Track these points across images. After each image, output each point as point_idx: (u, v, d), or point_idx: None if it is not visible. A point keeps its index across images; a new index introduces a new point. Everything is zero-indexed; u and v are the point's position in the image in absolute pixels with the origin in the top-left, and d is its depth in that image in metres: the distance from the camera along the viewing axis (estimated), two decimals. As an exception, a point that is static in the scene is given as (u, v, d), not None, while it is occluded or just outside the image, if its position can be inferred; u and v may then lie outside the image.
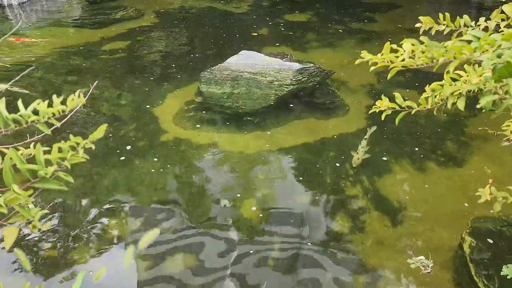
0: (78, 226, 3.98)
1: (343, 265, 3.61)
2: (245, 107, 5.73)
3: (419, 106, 1.95)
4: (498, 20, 1.92)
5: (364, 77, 6.92)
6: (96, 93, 6.32)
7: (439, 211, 4.17)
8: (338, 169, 4.80)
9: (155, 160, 4.90)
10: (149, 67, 7.41)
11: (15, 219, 1.31)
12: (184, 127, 5.57)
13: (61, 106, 1.42)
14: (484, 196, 2.16)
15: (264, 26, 9.61)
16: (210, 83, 5.91)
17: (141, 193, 4.41)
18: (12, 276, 3.44)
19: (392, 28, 9.42)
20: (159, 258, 3.65)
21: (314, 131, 5.53)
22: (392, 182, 4.60)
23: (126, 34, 8.89)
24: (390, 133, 5.43)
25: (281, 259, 3.67)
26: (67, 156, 1.32)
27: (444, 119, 5.78)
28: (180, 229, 3.97)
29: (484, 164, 4.86)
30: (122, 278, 3.49)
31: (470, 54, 1.48)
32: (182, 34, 9.08)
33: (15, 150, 1.28)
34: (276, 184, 4.59)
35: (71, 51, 7.96)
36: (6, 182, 1.25)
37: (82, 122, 5.62)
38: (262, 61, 6.15)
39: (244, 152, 5.09)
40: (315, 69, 6.12)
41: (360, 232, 3.95)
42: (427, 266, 3.57)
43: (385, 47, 1.73)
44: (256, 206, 4.24)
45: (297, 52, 7.99)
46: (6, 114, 1.32)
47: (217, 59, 7.13)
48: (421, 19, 2.03)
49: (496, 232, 3.55)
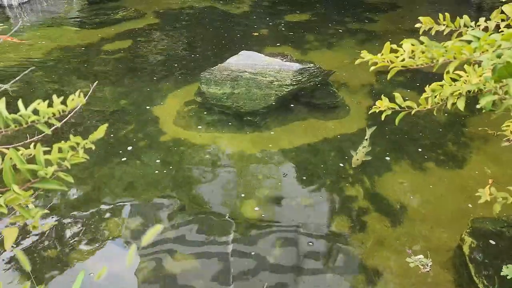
0: (78, 226, 3.98)
1: (343, 264, 3.61)
2: (245, 108, 5.73)
3: (419, 106, 1.95)
4: (498, 20, 1.93)
5: (364, 77, 6.92)
6: (96, 93, 6.32)
7: (439, 211, 4.17)
8: (338, 169, 4.80)
9: (155, 160, 4.90)
10: (149, 67, 7.41)
11: (15, 219, 1.31)
12: (184, 128, 5.57)
13: (61, 106, 1.42)
14: (484, 196, 2.16)
15: (264, 26, 9.62)
16: (210, 83, 5.91)
17: (141, 193, 4.41)
18: (12, 276, 3.44)
19: (392, 28, 9.42)
20: (159, 258, 3.65)
21: (314, 131, 5.53)
22: (392, 182, 4.60)
23: (126, 34, 8.89)
24: (390, 133, 5.43)
25: (281, 259, 3.66)
26: (67, 156, 1.32)
27: (444, 119, 5.78)
28: (180, 229, 3.97)
29: (484, 164, 4.86)
30: (123, 278, 3.49)
31: (470, 54, 1.48)
32: (182, 35, 9.08)
33: (15, 150, 1.28)
34: (277, 184, 4.59)
35: (71, 51, 7.96)
36: (6, 182, 1.25)
37: (82, 122, 5.62)
38: (262, 61, 6.15)
39: (244, 152, 5.09)
40: (315, 69, 6.12)
41: (360, 232, 3.95)
42: (426, 265, 3.57)
43: (385, 47, 1.73)
44: (257, 206, 4.24)
45: (297, 52, 7.99)
46: (6, 114, 1.32)
47: (217, 59, 7.13)
48: (421, 19, 2.03)
49: (496, 233, 3.55)
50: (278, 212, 4.19)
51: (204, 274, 3.52)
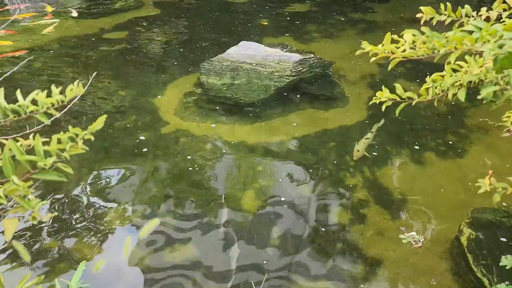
0: (77, 217, 3.99)
1: (343, 255, 3.63)
2: (245, 98, 5.71)
3: (419, 97, 1.94)
4: (500, 10, 1.91)
5: (365, 68, 6.90)
6: (95, 84, 6.30)
7: (438, 202, 4.18)
8: (338, 160, 4.80)
9: (155, 151, 4.90)
10: (148, 57, 7.37)
11: (15, 210, 1.31)
12: (184, 118, 5.56)
13: (60, 96, 1.41)
14: (484, 187, 2.16)
15: (265, 16, 9.55)
16: (209, 74, 5.89)
17: (140, 183, 4.42)
18: (12, 267, 3.45)
19: (393, 19, 9.36)
20: (159, 249, 3.67)
21: (314, 122, 5.52)
22: (392, 173, 4.60)
23: (125, 25, 8.83)
24: (390, 124, 5.42)
25: (280, 248, 3.68)
26: (66, 147, 1.31)
27: (444, 110, 5.77)
28: (179, 219, 3.98)
29: (484, 155, 4.86)
30: (122, 268, 3.51)
31: (471, 45, 1.47)
32: (181, 25, 9.02)
33: (14, 141, 1.28)
34: (277, 175, 4.59)
35: (69, 42, 7.92)
36: (5, 173, 1.25)
37: (81, 113, 5.60)
38: (262, 52, 6.13)
39: (244, 143, 5.08)
40: (315, 60, 6.09)
41: (360, 223, 3.97)
42: (418, 241, 3.69)
43: (386, 38, 1.72)
44: (256, 196, 4.25)
45: (298, 42, 7.95)
46: (5, 104, 1.32)
47: (217, 49, 7.10)
48: (422, 9, 2.02)
49: (495, 223, 3.57)
50: (277, 202, 4.20)
51: (204, 266, 3.54)
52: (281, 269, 3.50)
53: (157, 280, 3.41)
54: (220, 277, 3.43)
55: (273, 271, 3.48)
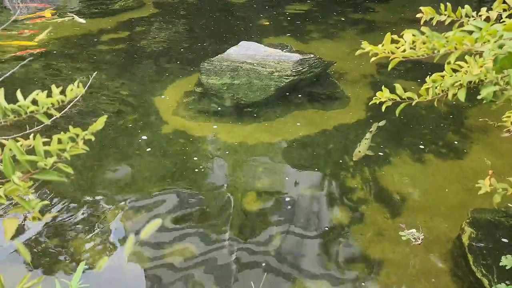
0: (78, 217, 3.99)
1: (343, 254, 3.63)
2: (245, 98, 5.71)
3: (419, 98, 1.94)
4: (500, 10, 1.91)
5: (365, 68, 6.89)
6: (96, 84, 6.30)
7: (438, 202, 4.18)
8: (338, 160, 4.80)
9: (155, 150, 4.90)
10: (149, 57, 7.38)
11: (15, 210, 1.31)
12: (184, 118, 5.56)
13: (60, 96, 1.41)
14: (484, 187, 2.16)
15: (265, 16, 9.56)
16: (210, 74, 5.89)
17: (141, 184, 4.41)
18: (12, 267, 3.45)
19: (393, 19, 9.36)
20: (159, 249, 3.67)
21: (314, 122, 5.52)
22: (391, 173, 4.60)
23: (125, 25, 8.84)
24: (390, 124, 5.42)
25: (280, 249, 3.68)
26: (66, 147, 1.31)
27: (444, 110, 5.77)
28: (180, 220, 3.98)
29: (484, 155, 4.85)
30: (123, 268, 3.51)
31: (471, 45, 1.47)
32: (181, 25, 9.03)
33: (15, 141, 1.28)
34: (277, 175, 4.59)
35: (69, 42, 7.92)
36: (6, 173, 1.25)
37: (82, 113, 5.60)
38: (262, 52, 6.13)
39: (244, 143, 5.08)
40: (315, 60, 6.10)
41: (359, 222, 3.96)
42: (418, 238, 3.69)
43: (386, 38, 1.72)
44: (256, 196, 4.25)
45: (298, 42, 7.95)
46: (5, 104, 1.32)
47: (217, 49, 7.09)
48: (422, 10, 2.02)
49: (495, 223, 3.56)
50: (277, 202, 4.20)
51: (204, 264, 3.54)
52: (281, 269, 3.50)
53: (158, 280, 3.41)
54: (220, 277, 3.43)
55: (273, 271, 3.48)
